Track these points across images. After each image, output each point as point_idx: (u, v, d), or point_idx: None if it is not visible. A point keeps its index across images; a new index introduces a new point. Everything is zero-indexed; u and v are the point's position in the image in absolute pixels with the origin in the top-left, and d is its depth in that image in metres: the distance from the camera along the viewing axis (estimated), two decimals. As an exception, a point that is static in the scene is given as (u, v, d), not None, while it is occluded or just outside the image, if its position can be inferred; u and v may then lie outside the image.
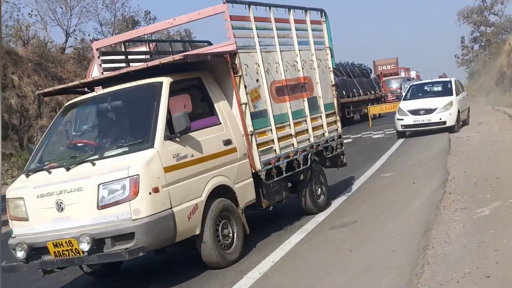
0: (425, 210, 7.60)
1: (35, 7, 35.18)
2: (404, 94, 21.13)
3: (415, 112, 17.46)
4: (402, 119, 17.61)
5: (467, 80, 59.12)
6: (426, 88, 20.20)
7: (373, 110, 27.01)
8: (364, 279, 5.41)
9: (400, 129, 17.78)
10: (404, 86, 31.73)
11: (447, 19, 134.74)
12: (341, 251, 6.47)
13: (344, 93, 28.29)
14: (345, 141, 19.41)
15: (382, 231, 7.03)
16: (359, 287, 5.26)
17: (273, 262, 6.40)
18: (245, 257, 6.80)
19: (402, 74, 48.23)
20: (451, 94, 18.10)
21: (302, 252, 6.70)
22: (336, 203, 9.10)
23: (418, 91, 19.74)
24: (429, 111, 17.31)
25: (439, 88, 19.33)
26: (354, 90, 30.05)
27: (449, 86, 18.73)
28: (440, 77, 69.81)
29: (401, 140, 17.21)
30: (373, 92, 33.20)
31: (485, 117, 20.64)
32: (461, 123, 18.02)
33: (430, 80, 22.04)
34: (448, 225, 6.55)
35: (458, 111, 17.55)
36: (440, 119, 17.10)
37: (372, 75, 37.19)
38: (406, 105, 18.31)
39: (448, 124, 17.03)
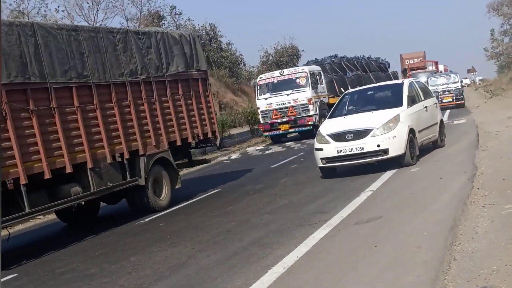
0: (452, 205, 7.49)
1: (62, 3, 35.84)
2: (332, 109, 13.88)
3: (339, 137, 11.37)
4: (321, 149, 11.50)
5: (496, 74, 58.14)
6: (367, 96, 13.55)
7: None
8: (389, 275, 5.35)
9: (320, 164, 11.63)
10: (430, 79, 31.15)
11: (477, 12, 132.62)
12: (366, 246, 6.41)
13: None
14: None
15: (408, 227, 6.95)
16: (384, 283, 5.20)
17: (297, 257, 6.38)
18: (269, 252, 6.80)
19: (430, 68, 47.58)
20: (400, 105, 11.95)
21: (326, 247, 6.66)
22: (361, 198, 9.03)
23: (355, 102, 13.28)
24: (360, 134, 11.21)
25: (386, 96, 13.27)
26: None
27: (399, 93, 12.47)
28: (468, 71, 68.85)
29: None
30: None
31: (515, 111, 20.23)
32: (417, 152, 11.75)
33: (374, 85, 15.54)
34: (475, 221, 6.45)
35: (411, 132, 11.48)
36: (378, 146, 11.02)
37: (394, 69, 36.65)
38: (328, 126, 12.10)
39: (391, 154, 11.04)
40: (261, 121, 23.90)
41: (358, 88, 17.19)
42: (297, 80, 23.33)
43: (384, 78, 31.72)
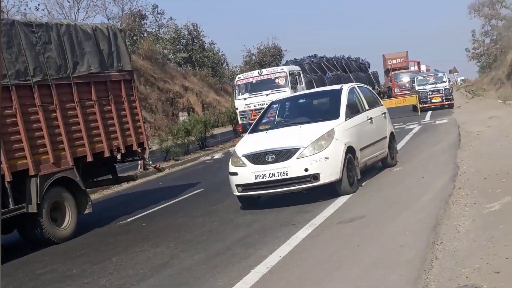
0: (434, 205, 7.53)
1: (42, 1, 35.40)
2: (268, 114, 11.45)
3: (257, 159, 9.15)
4: (236, 174, 9.33)
5: (477, 74, 58.75)
6: (299, 105, 11.23)
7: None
8: (373, 274, 5.36)
9: (236, 192, 9.45)
10: (417, 79, 30.40)
11: (458, 12, 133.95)
12: (349, 246, 6.42)
13: None
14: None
15: (391, 226, 6.97)
16: (367, 282, 5.21)
17: (280, 257, 6.37)
18: (252, 252, 6.78)
19: (412, 68, 47.86)
20: (336, 117, 9.75)
21: (309, 247, 6.66)
22: (344, 198, 9.04)
23: (284, 113, 11.16)
24: (283, 154, 8.98)
25: (321, 105, 11.12)
26: None
27: (335, 102, 10.22)
28: (450, 71, 69.40)
29: (410, 135, 17.12)
30: (371, 88, 32.07)
31: (496, 111, 20.45)
32: (359, 175, 9.62)
33: (309, 91, 13.00)
34: (457, 220, 6.49)
35: (349, 151, 9.31)
36: (306, 170, 8.78)
37: (375, 69, 36.41)
38: (246, 143, 9.90)
39: (322, 180, 8.85)
40: (240, 122, 23.38)
41: (291, 94, 15.91)
42: (277, 80, 22.87)
43: (364, 78, 31.49)
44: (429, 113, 25.68)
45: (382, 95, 34.37)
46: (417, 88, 28.96)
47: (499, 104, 25.02)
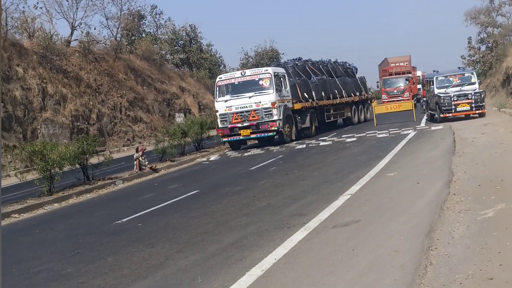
0: (429, 210, 7.57)
1: (41, 0, 35.26)
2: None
3: None
4: None
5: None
6: None
7: (378, 109, 26.78)
8: (367, 278, 5.39)
9: None
10: (437, 80, 23.33)
11: (455, 20, 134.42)
12: (344, 250, 6.46)
13: (323, 94, 25.47)
14: (349, 140, 19.73)
15: (386, 231, 7.01)
16: (361, 286, 5.24)
17: (275, 259, 6.39)
18: (247, 254, 6.81)
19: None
20: None
21: (304, 250, 6.69)
22: (339, 202, 9.09)
23: None
24: None
25: None
26: (336, 92, 27.11)
27: None
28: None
29: (405, 141, 17.19)
30: (358, 94, 29.93)
31: (491, 118, 20.57)
32: None
33: None
34: (451, 226, 6.53)
35: None
36: None
37: (362, 75, 33.69)
38: None
39: None
40: (220, 126, 22.11)
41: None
42: (260, 82, 21.65)
43: (351, 83, 29.74)
44: (424, 118, 25.60)
45: (370, 101, 32.62)
46: (436, 91, 22.77)
47: (494, 111, 25.02)
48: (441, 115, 21.95)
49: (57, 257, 8.33)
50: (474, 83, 22.72)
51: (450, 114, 21.81)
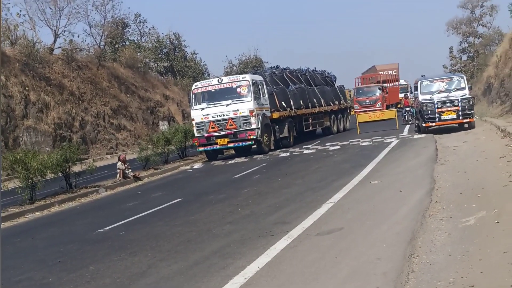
0: (411, 218, 7.62)
1: (24, 7, 35.16)
2: None
3: None
4: None
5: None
6: None
7: (361, 118, 26.91)
8: (350, 286, 5.41)
9: None
10: (421, 84, 21.07)
11: (436, 30, 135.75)
12: (327, 257, 6.47)
13: (302, 103, 25.02)
14: (332, 148, 19.81)
15: (368, 239, 7.04)
16: (344, 294, 5.26)
17: (258, 267, 6.39)
18: (230, 262, 6.79)
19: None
20: None
21: (287, 258, 6.69)
22: (322, 210, 9.11)
23: None
24: None
25: None
26: (315, 100, 26.55)
27: None
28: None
29: (388, 149, 17.30)
30: (337, 102, 29.51)
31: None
32: None
33: None
34: (433, 233, 6.59)
35: None
36: None
37: (341, 83, 33.05)
38: None
39: None
40: (196, 134, 21.54)
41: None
42: (238, 89, 21.10)
43: (330, 92, 29.34)
44: (407, 127, 25.81)
45: (350, 110, 32.63)
46: (420, 98, 20.52)
47: (475, 120, 25.18)
48: (423, 124, 19.95)
49: (39, 266, 8.24)
50: (463, 89, 20.37)
51: (434, 124, 19.73)
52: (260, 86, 21.87)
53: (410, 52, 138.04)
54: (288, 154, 20.22)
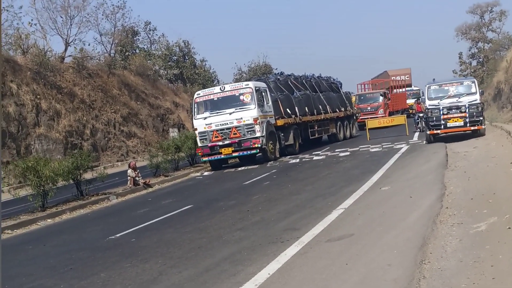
0: (422, 224, 7.60)
1: (35, 16, 35.41)
2: None
3: None
4: None
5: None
6: None
7: (371, 124, 26.79)
8: (360, 292, 5.40)
9: None
10: (429, 89, 19.86)
11: (446, 35, 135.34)
12: (337, 264, 6.47)
13: (307, 110, 24.65)
14: (342, 154, 19.78)
15: (379, 245, 7.03)
16: (355, 300, 5.25)
17: (269, 274, 6.39)
18: (240, 268, 6.80)
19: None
20: None
21: (298, 264, 6.69)
22: (333, 216, 9.11)
23: None
24: None
25: None
26: (320, 107, 26.19)
27: None
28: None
29: (398, 155, 17.26)
30: (343, 109, 29.14)
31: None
32: None
33: None
34: (444, 239, 6.56)
35: None
36: None
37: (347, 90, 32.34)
38: None
39: None
40: (199, 144, 21.19)
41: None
42: (241, 97, 20.77)
43: (336, 98, 28.93)
44: (417, 133, 25.64)
45: (356, 117, 32.23)
46: (427, 103, 19.46)
47: (485, 125, 25.02)
48: (428, 132, 19.03)
49: (50, 273, 8.29)
50: (474, 94, 18.88)
51: (439, 131, 18.76)
52: (263, 93, 21.59)
53: (419, 58, 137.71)
54: (297, 160, 20.21)
